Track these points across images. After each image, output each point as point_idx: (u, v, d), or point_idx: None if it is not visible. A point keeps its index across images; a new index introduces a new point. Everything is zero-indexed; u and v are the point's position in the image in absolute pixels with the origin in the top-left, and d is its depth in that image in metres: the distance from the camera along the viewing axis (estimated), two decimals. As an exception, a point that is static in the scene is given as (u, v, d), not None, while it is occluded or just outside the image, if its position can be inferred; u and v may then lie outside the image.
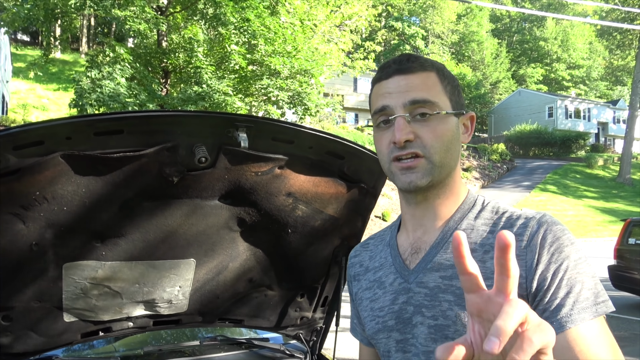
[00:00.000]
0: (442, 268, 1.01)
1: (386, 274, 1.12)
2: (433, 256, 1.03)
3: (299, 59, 16.92)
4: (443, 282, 0.99)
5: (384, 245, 1.18)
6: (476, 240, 1.00)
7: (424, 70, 1.03)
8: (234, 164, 1.68)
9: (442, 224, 1.06)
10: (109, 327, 2.04)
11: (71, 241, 1.69)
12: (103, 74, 15.02)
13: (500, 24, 63.34)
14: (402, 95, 1.01)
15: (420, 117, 1.00)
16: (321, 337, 2.50)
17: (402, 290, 1.06)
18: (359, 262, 1.24)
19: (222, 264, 2.03)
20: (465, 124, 1.10)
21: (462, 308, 0.95)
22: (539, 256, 0.92)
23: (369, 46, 30.25)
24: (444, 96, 1.03)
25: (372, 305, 1.13)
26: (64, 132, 1.44)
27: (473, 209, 1.06)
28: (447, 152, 1.02)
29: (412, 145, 1.00)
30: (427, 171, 1.01)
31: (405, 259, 1.09)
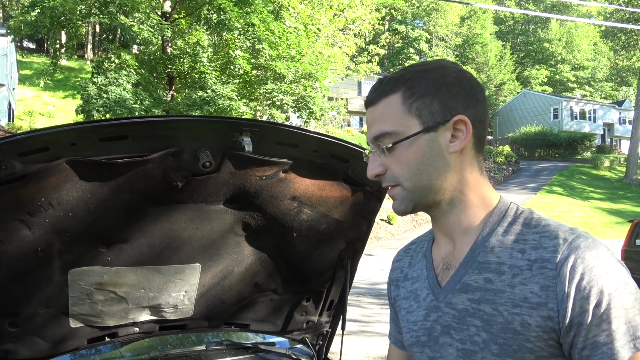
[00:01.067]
0: (470, 290, 0.97)
1: (421, 287, 1.10)
2: (462, 276, 0.99)
3: (303, 63, 16.96)
4: (471, 305, 0.96)
5: (422, 256, 1.15)
6: (505, 261, 0.94)
7: (385, 96, 1.00)
8: (238, 168, 1.68)
9: (471, 239, 1.01)
10: (115, 332, 2.04)
11: (77, 247, 1.70)
12: (109, 80, 15.11)
13: (504, 26, 63.26)
14: (369, 131, 1.02)
15: (387, 150, 0.99)
16: (327, 341, 2.49)
17: (433, 308, 1.04)
18: (400, 268, 1.22)
19: (227, 268, 2.03)
20: (455, 132, 0.98)
21: (490, 334, 0.92)
22: (568, 289, 0.86)
23: (372, 49, 30.27)
24: (407, 118, 0.97)
25: (408, 317, 1.12)
26: (68, 138, 1.44)
27: (502, 221, 0.99)
28: (419, 175, 0.98)
29: (384, 179, 1.02)
30: (404, 198, 1.00)
31: (437, 275, 1.06)
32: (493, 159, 36.59)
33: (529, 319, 0.88)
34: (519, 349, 0.89)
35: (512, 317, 0.90)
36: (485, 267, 0.96)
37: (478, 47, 53.09)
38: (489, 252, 0.96)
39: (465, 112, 0.98)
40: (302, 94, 17.43)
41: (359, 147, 1.83)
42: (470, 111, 0.98)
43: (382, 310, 9.20)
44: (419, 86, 0.98)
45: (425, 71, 1.00)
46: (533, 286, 0.89)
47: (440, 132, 0.97)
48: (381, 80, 1.02)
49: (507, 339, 0.90)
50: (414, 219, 26.33)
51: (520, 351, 0.89)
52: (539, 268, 0.89)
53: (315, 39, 20.12)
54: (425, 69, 1.00)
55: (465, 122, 0.98)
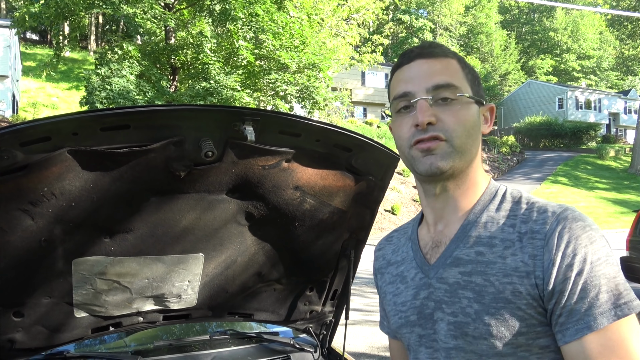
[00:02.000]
0: (461, 263, 0.99)
1: (408, 268, 1.12)
2: (453, 251, 1.02)
3: (306, 53, 16.90)
4: (462, 278, 0.98)
5: (406, 239, 1.18)
6: (496, 235, 0.98)
7: (445, 56, 1.04)
8: (241, 157, 1.68)
9: (463, 217, 1.04)
10: (119, 322, 2.05)
11: (80, 237, 1.70)
12: (112, 71, 15.11)
13: (509, 15, 62.81)
14: (425, 80, 1.01)
15: (442, 102, 1.00)
16: (331, 331, 2.50)
17: (423, 286, 1.06)
18: (382, 256, 1.25)
19: (230, 258, 2.03)
20: (485, 115, 1.08)
21: (482, 305, 0.94)
22: (554, 257, 0.90)
23: (376, 39, 30.12)
24: (465, 83, 1.03)
25: (395, 299, 1.13)
26: (70, 127, 1.44)
27: (494, 199, 1.04)
28: (468, 137, 1.00)
29: (434, 129, 0.99)
30: (447, 154, 0.99)
31: (426, 253, 1.08)
32: (497, 149, 36.45)
33: (520, 287, 0.91)
34: (510, 317, 0.92)
35: (504, 287, 0.93)
36: (477, 241, 0.99)
37: (483, 37, 52.74)
38: (481, 228, 1.00)
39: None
40: (306, 84, 17.37)
41: (362, 137, 1.82)
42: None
43: (386, 301, 9.20)
44: (468, 65, 1.07)
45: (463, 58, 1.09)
46: (523, 256, 0.93)
47: (481, 111, 1.06)
48: (432, 42, 1.08)
49: (499, 308, 0.92)
50: (417, 209, 26.31)
51: (512, 320, 0.92)
52: (529, 239, 0.93)
53: (319, 29, 20.02)
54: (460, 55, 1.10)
55: (494, 112, 1.09)
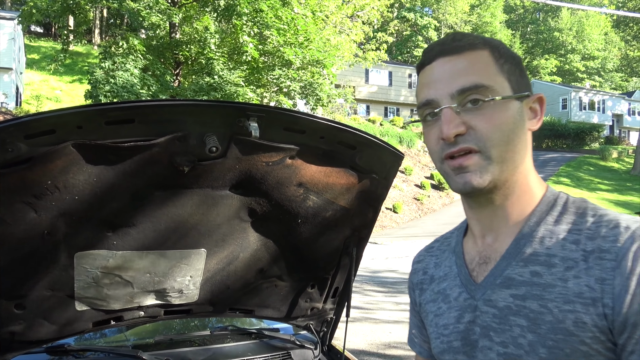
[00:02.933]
0: (513, 285, 0.85)
1: (451, 286, 0.97)
2: (503, 269, 0.87)
3: (311, 50, 16.89)
4: (515, 302, 0.84)
5: (450, 252, 1.03)
6: (556, 252, 0.83)
7: (473, 49, 0.88)
8: (245, 153, 1.67)
9: (515, 229, 0.89)
10: (120, 316, 2.05)
11: (83, 230, 1.70)
12: (116, 65, 15.14)
13: (514, 15, 62.65)
14: (448, 83, 0.86)
15: (472, 105, 0.84)
16: (331, 328, 2.50)
17: (467, 308, 0.91)
18: (423, 269, 1.10)
19: (232, 254, 2.03)
20: (533, 108, 0.91)
21: (537, 335, 0.80)
22: (628, 282, 0.75)
23: (381, 37, 30.07)
24: (500, 77, 0.86)
25: (437, 320, 0.98)
26: (75, 121, 1.44)
27: (552, 210, 0.88)
28: (507, 144, 0.85)
29: (464, 140, 0.85)
30: (484, 169, 0.85)
31: (472, 270, 0.94)
32: (500, 149, 36.35)
33: (584, 317, 0.77)
34: (572, 352, 0.77)
35: (564, 315, 0.78)
36: (532, 259, 0.85)
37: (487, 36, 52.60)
38: (537, 243, 0.85)
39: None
40: (310, 80, 17.38)
41: (367, 134, 1.82)
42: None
43: (385, 298, 9.23)
44: (505, 53, 0.90)
45: (499, 42, 0.92)
46: (589, 279, 0.78)
47: (525, 105, 0.89)
48: (457, 34, 0.91)
49: (558, 340, 0.78)
50: (419, 208, 26.31)
51: (574, 355, 0.77)
52: (597, 259, 0.78)
53: (323, 25, 20.00)
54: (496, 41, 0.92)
55: (543, 101, 0.92)
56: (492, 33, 52.34)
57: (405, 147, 31.77)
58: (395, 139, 31.42)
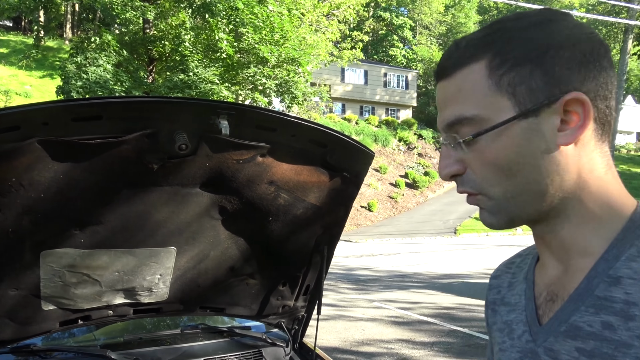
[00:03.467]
0: (580, 336, 0.67)
1: (517, 320, 0.80)
2: (570, 314, 0.69)
3: (286, 48, 16.86)
4: (580, 357, 0.66)
5: (523, 276, 0.84)
6: (636, 300, 0.63)
7: (463, 65, 0.70)
8: (215, 151, 1.67)
9: (589, 262, 0.70)
10: (88, 315, 2.02)
11: (49, 228, 1.67)
12: (88, 60, 14.90)
13: (488, 16, 63.45)
14: (441, 115, 0.74)
15: (464, 143, 0.70)
16: (303, 326, 2.51)
17: (528, 352, 0.74)
18: (498, 287, 0.91)
19: (203, 252, 2.02)
20: (565, 115, 0.67)
21: None
22: None
23: (356, 36, 30.17)
24: (494, 97, 0.68)
25: (501, 356, 0.82)
26: (40, 117, 1.41)
27: (638, 240, 0.66)
28: (511, 178, 0.69)
29: (461, 182, 0.73)
30: (493, 209, 0.72)
31: (538, 307, 0.76)
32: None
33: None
34: None
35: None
36: (605, 305, 0.66)
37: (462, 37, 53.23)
38: (614, 285, 0.66)
39: (582, 86, 0.67)
40: (285, 78, 17.35)
41: (338, 133, 1.83)
42: (591, 85, 0.67)
43: (358, 296, 9.29)
44: (514, 49, 0.68)
45: (523, 28, 0.69)
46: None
47: (545, 117, 0.67)
48: (458, 43, 0.74)
49: None
50: (394, 206, 26.52)
51: None
52: None
53: (299, 23, 19.98)
54: (524, 25, 0.69)
55: (583, 102, 0.66)
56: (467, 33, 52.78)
57: (380, 145, 31.96)
58: (370, 138, 31.58)
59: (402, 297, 9.06)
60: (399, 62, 48.56)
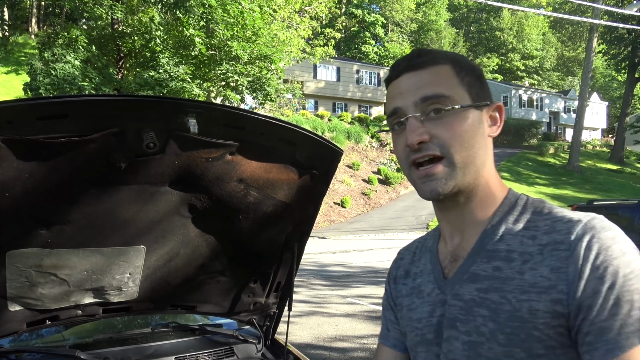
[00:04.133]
0: (478, 279, 0.92)
1: (425, 282, 1.04)
2: (469, 266, 0.94)
3: (258, 44, 16.78)
4: (479, 294, 0.91)
5: (426, 250, 1.10)
6: (515, 248, 0.90)
7: (435, 63, 0.95)
8: (183, 149, 1.67)
9: (480, 229, 0.97)
10: (56, 315, 2.00)
11: (14, 228, 1.65)
12: (56, 56, 14.58)
13: (458, 14, 64.22)
14: (413, 94, 0.93)
15: (435, 114, 0.91)
16: (274, 322, 2.52)
17: (439, 302, 0.98)
18: (402, 265, 1.16)
19: (173, 250, 2.02)
20: (493, 116, 0.99)
21: (497, 324, 0.87)
22: (582, 269, 0.81)
23: (329, 33, 30.21)
24: (460, 89, 0.94)
25: (411, 314, 1.05)
26: (5, 115, 1.39)
27: (513, 210, 0.96)
28: (468, 149, 0.92)
29: (428, 147, 0.91)
30: (448, 175, 0.92)
31: (444, 268, 1.01)
32: (445, 145, 37.28)
33: (537, 305, 0.84)
34: (527, 338, 0.84)
35: (520, 304, 0.85)
36: (494, 255, 0.92)
37: (432, 34, 53.77)
38: (499, 241, 0.93)
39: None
40: (258, 75, 17.28)
41: (306, 131, 1.85)
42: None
43: (331, 292, 9.33)
44: (465, 66, 0.97)
45: (461, 56, 1.00)
46: (543, 269, 0.85)
47: (484, 113, 0.97)
48: (421, 50, 0.98)
49: (514, 327, 0.85)
50: (367, 203, 26.66)
51: (528, 340, 0.84)
52: (551, 250, 0.86)
53: (271, 19, 19.90)
54: (458, 55, 1.00)
55: (502, 109, 0.99)
56: (437, 31, 53.53)
57: (353, 142, 32.07)
58: (343, 134, 31.66)
59: (375, 293, 9.14)
60: (371, 59, 48.80)
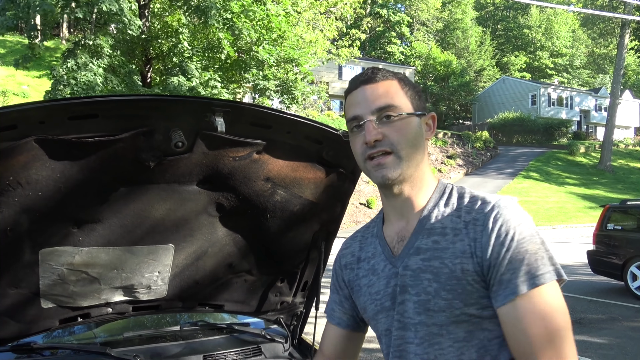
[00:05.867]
0: (421, 252, 1.17)
1: (378, 261, 1.27)
2: (414, 242, 1.19)
3: (285, 47, 16.86)
4: (423, 263, 1.15)
5: (373, 237, 1.33)
6: (447, 225, 1.17)
7: (385, 79, 1.20)
8: (211, 148, 1.68)
9: (419, 213, 1.22)
10: (87, 313, 2.03)
11: (47, 227, 1.68)
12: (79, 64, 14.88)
13: (485, 12, 63.43)
14: (369, 103, 1.17)
15: (386, 120, 1.16)
16: (301, 322, 2.52)
17: (392, 275, 1.21)
18: (351, 253, 1.39)
19: (201, 249, 2.03)
20: (428, 123, 1.26)
21: (439, 283, 1.12)
22: (490, 237, 1.09)
23: (354, 34, 30.14)
24: (405, 100, 1.19)
25: (370, 290, 1.27)
26: (37, 116, 1.42)
27: (443, 196, 1.23)
28: (412, 147, 1.17)
29: (381, 144, 1.16)
30: (396, 165, 1.16)
31: (392, 247, 1.25)
32: (472, 145, 36.90)
33: (467, 266, 1.10)
34: (462, 291, 1.10)
35: (455, 267, 1.11)
36: (432, 232, 1.18)
37: (459, 33, 53.21)
38: (434, 220, 1.19)
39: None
40: (283, 77, 17.37)
41: (333, 129, 1.84)
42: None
43: (359, 293, 9.27)
44: (408, 83, 1.24)
45: (405, 75, 1.27)
46: (469, 240, 1.12)
47: (423, 120, 1.23)
48: (374, 69, 1.23)
49: (453, 284, 1.11)
50: (393, 203, 26.46)
51: (464, 293, 1.10)
52: (472, 225, 1.13)
53: (296, 21, 19.96)
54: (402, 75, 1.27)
55: (435, 119, 1.28)
56: (463, 30, 52.93)
57: (378, 143, 31.84)
58: (369, 135, 31.49)
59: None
60: (397, 59, 48.53)
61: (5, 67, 31.20)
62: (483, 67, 53.94)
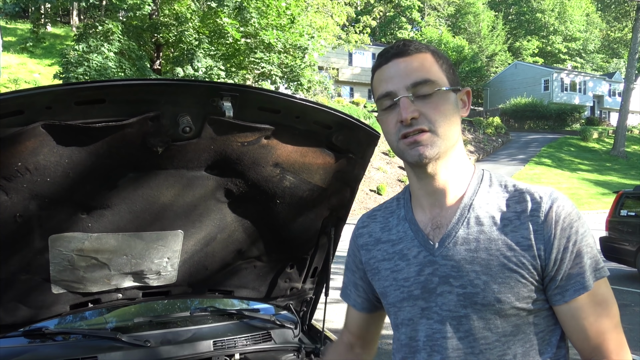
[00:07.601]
0: (466, 242, 1.10)
1: (408, 247, 1.19)
2: (456, 232, 1.12)
3: (293, 34, 16.76)
4: (468, 254, 1.09)
5: (400, 219, 1.25)
6: (493, 214, 1.11)
7: (419, 52, 1.12)
8: (219, 133, 1.66)
9: (458, 200, 1.15)
10: (98, 298, 2.04)
11: (56, 212, 1.68)
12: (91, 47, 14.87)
13: (497, -4, 62.55)
14: (404, 78, 1.09)
15: (423, 96, 1.09)
16: (311, 308, 2.52)
17: (427, 263, 1.14)
18: (368, 233, 1.31)
19: (210, 235, 2.03)
20: (463, 99, 1.18)
21: (490, 276, 1.07)
22: (555, 231, 1.05)
23: (365, 20, 29.88)
24: (441, 74, 1.12)
25: (396, 275, 1.20)
26: (44, 101, 1.41)
27: (482, 183, 1.17)
28: (450, 125, 1.10)
29: (417, 122, 1.08)
30: (432, 143, 1.09)
31: (427, 234, 1.16)
32: (483, 130, 36.62)
33: (522, 259, 1.06)
34: (515, 284, 1.06)
35: (508, 259, 1.06)
36: (477, 221, 1.11)
37: (470, 17, 52.55)
38: (478, 209, 1.13)
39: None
40: (291, 64, 17.28)
41: (342, 114, 1.81)
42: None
43: (369, 279, 9.28)
44: (442, 56, 1.16)
45: (436, 48, 1.18)
46: (523, 232, 1.07)
47: (459, 96, 1.16)
48: (406, 41, 1.15)
49: (505, 277, 1.06)
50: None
51: (517, 287, 1.06)
52: (528, 217, 1.08)
53: (305, 6, 19.80)
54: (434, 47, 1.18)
55: (470, 95, 1.19)
56: (475, 14, 52.27)
57: (388, 129, 31.71)
58: (379, 121, 31.36)
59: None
60: (407, 45, 48.00)
61: (17, 55, 31.34)
62: (495, 52, 53.25)
